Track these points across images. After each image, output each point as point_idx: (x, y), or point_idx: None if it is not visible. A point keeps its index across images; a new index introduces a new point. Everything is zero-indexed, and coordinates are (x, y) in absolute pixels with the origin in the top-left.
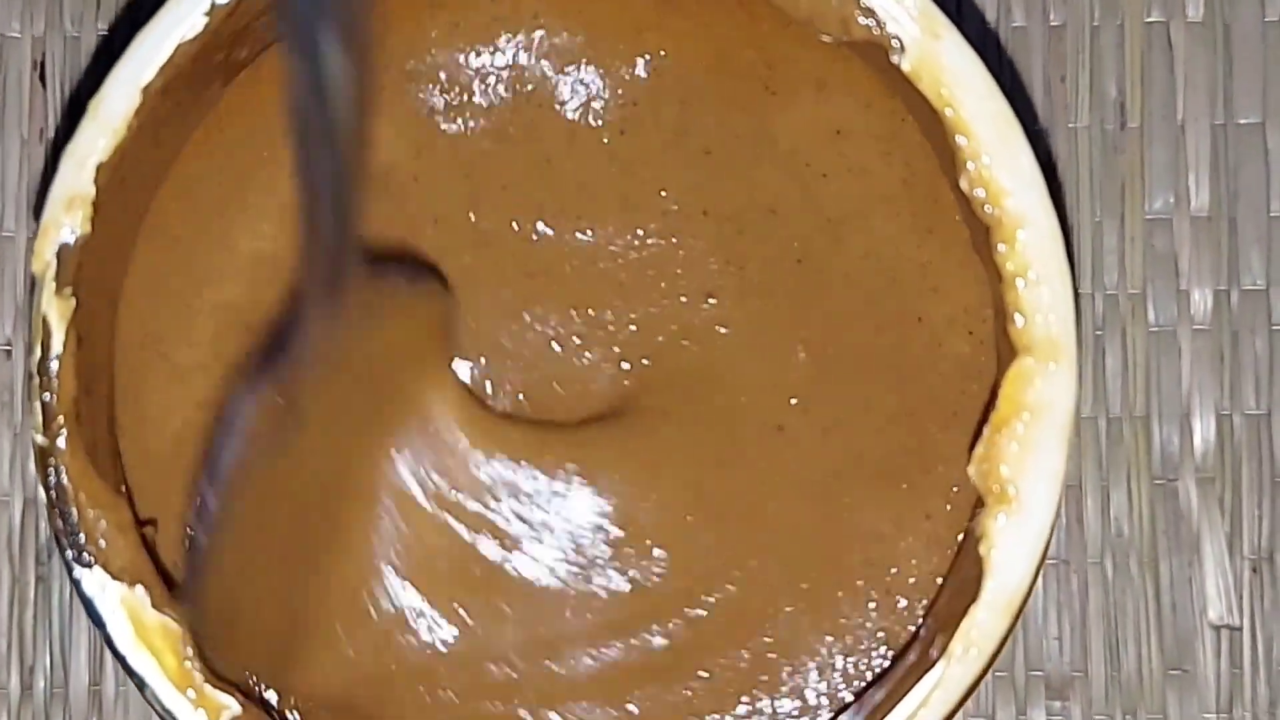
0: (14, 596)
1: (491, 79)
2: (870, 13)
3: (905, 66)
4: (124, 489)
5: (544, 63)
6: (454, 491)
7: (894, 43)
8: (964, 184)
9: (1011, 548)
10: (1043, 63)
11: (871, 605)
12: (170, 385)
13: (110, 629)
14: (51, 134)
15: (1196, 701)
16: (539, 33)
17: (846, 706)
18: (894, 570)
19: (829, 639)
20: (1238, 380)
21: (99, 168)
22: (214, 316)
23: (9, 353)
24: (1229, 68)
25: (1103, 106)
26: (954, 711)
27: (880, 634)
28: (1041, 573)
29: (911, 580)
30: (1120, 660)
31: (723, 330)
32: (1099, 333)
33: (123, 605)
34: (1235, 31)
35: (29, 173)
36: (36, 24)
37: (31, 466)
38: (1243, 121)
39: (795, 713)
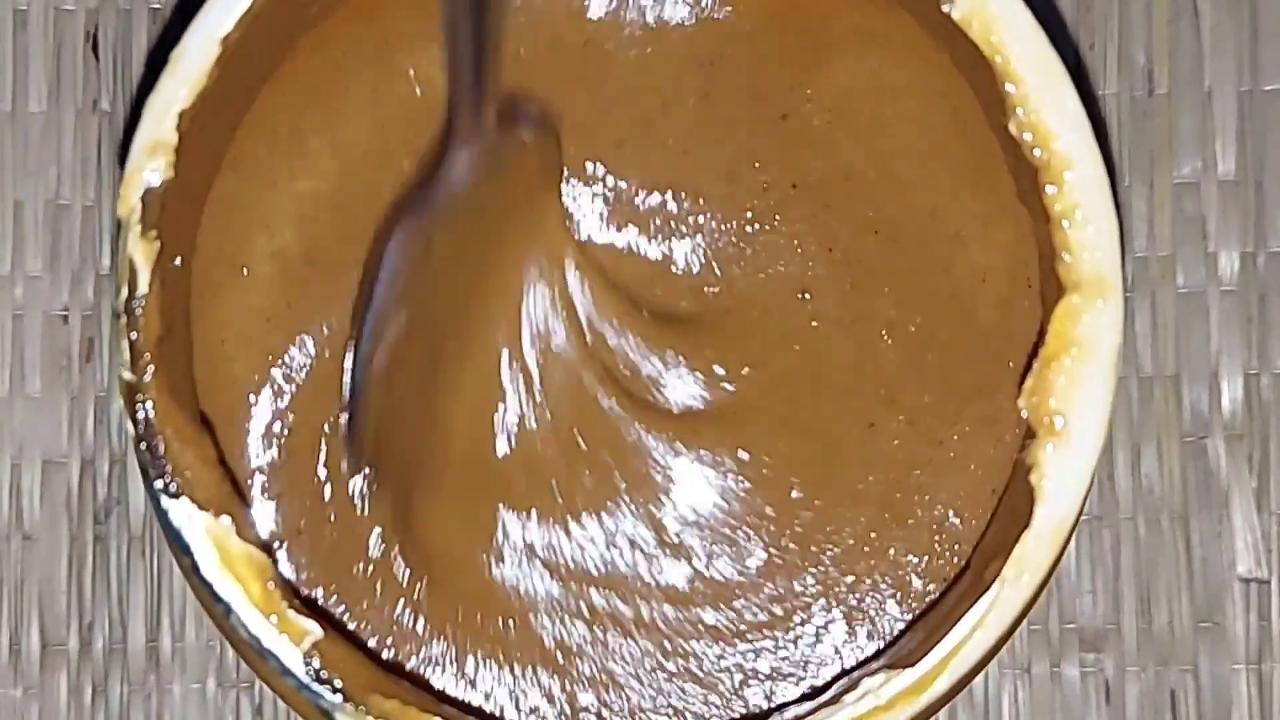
0: (72, 556)
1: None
2: None
3: (956, 15)
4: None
5: None
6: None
7: None
8: (1013, 129)
9: (1060, 476)
10: (1072, 31)
11: (925, 556)
12: (239, 326)
13: (196, 556)
14: (106, 106)
15: (1226, 653)
16: None
17: (902, 634)
18: (950, 519)
19: (883, 580)
20: (1265, 340)
21: (180, 115)
22: (278, 258)
23: (65, 318)
24: (1254, 35)
25: (1131, 74)
26: (1008, 634)
27: (931, 572)
28: (1076, 528)
29: (962, 524)
30: (1152, 614)
31: (815, 325)
32: (1129, 295)
33: (208, 534)
34: None
35: (82, 143)
36: None
37: (90, 429)
38: (1268, 88)
39: (848, 639)
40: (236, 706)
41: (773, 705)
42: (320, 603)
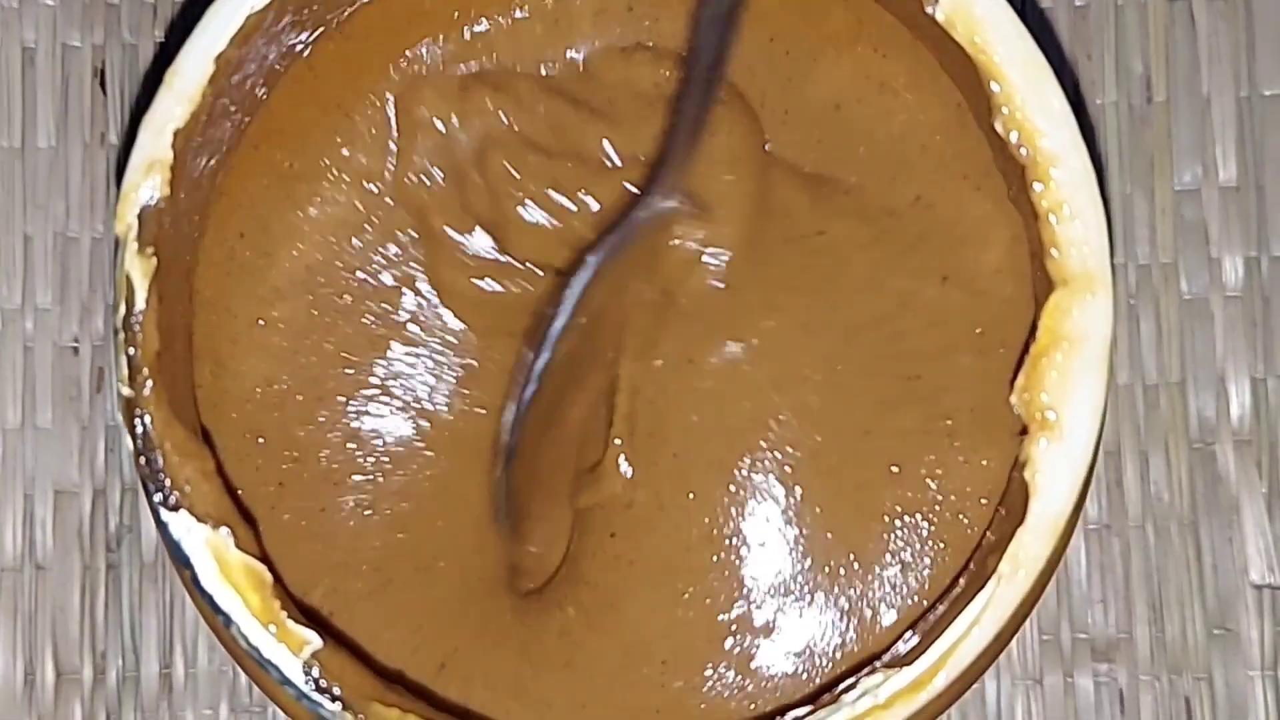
0: (85, 585)
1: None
2: None
3: (940, 17)
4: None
5: None
6: None
7: None
8: (999, 127)
9: (1053, 471)
10: (1069, 42)
11: (925, 556)
12: (244, 345)
13: (196, 568)
14: (114, 139)
15: (1240, 661)
16: None
17: (904, 630)
18: (949, 519)
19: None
20: (1270, 345)
21: (176, 133)
22: (283, 278)
23: (75, 349)
24: (1251, 41)
25: (1129, 82)
26: (1008, 632)
27: (930, 572)
28: (1083, 534)
29: (960, 523)
30: (1164, 622)
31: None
32: (1132, 302)
33: (207, 546)
34: (1256, 5)
35: (90, 176)
36: (96, 33)
37: (100, 459)
38: (1267, 93)
39: (852, 630)
40: None
41: (773, 707)
42: (320, 613)
